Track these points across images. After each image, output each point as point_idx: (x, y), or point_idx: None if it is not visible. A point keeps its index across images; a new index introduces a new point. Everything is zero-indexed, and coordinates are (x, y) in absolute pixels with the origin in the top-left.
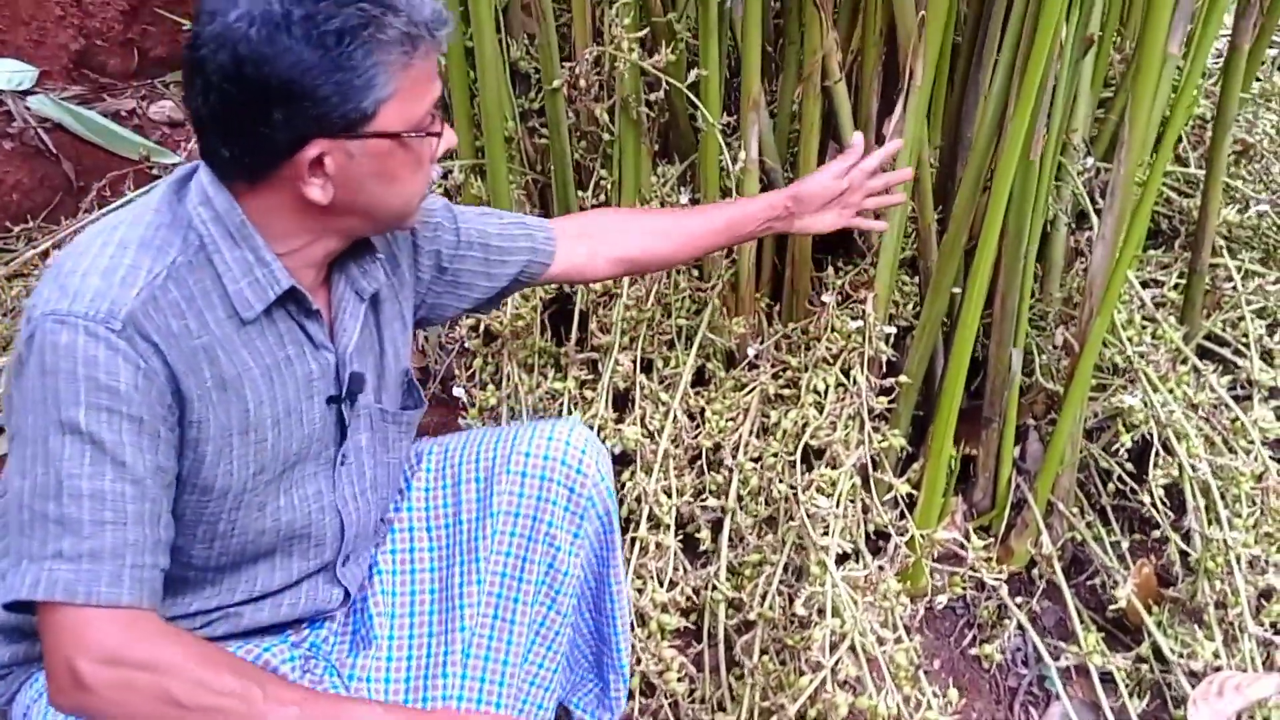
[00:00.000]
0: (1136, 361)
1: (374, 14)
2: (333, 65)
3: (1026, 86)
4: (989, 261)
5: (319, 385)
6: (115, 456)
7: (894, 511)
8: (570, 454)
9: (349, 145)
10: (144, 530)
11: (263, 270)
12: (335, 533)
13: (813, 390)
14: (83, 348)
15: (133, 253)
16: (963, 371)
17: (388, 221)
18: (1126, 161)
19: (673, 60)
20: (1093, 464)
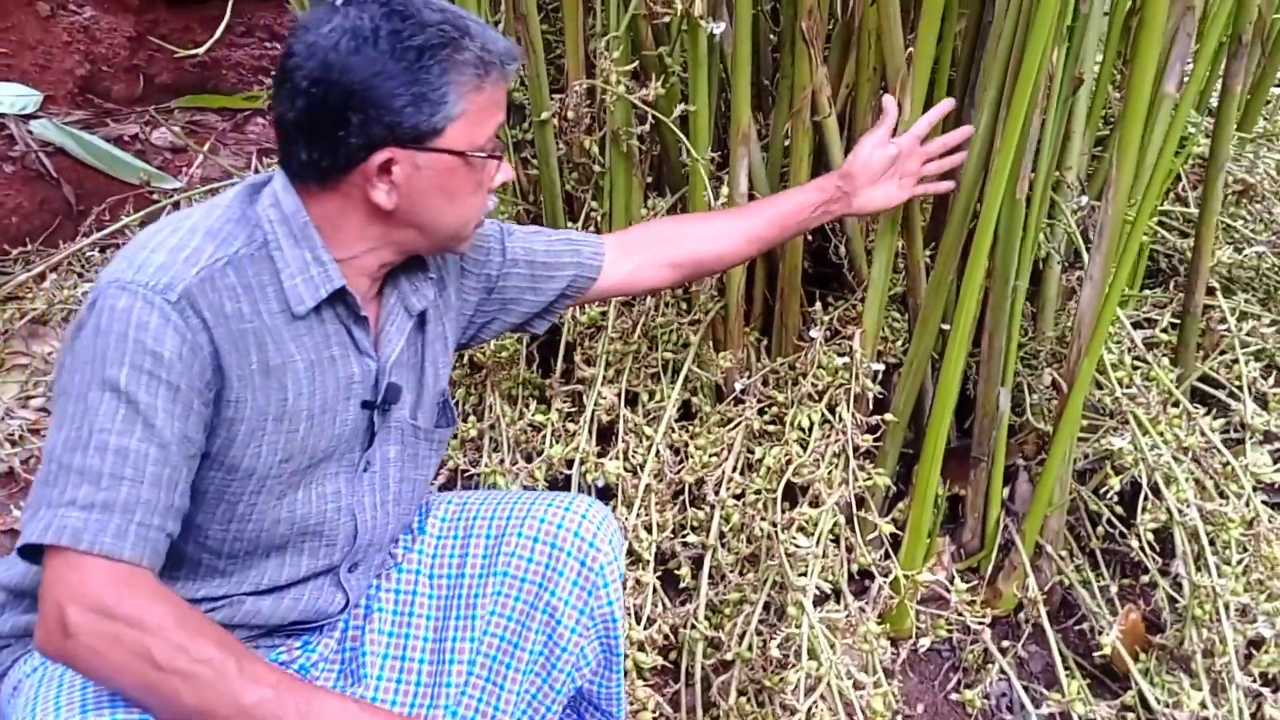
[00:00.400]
0: (1125, 403)
1: (453, 36)
2: (410, 78)
3: (1010, 125)
4: (973, 300)
5: (357, 389)
6: (147, 418)
7: (878, 551)
8: (585, 527)
9: (417, 156)
10: (159, 493)
11: (318, 269)
12: (348, 536)
13: (797, 427)
14: (138, 313)
15: (199, 237)
16: (948, 410)
17: (443, 239)
18: (1115, 201)
19: (663, 94)
20: (1083, 506)
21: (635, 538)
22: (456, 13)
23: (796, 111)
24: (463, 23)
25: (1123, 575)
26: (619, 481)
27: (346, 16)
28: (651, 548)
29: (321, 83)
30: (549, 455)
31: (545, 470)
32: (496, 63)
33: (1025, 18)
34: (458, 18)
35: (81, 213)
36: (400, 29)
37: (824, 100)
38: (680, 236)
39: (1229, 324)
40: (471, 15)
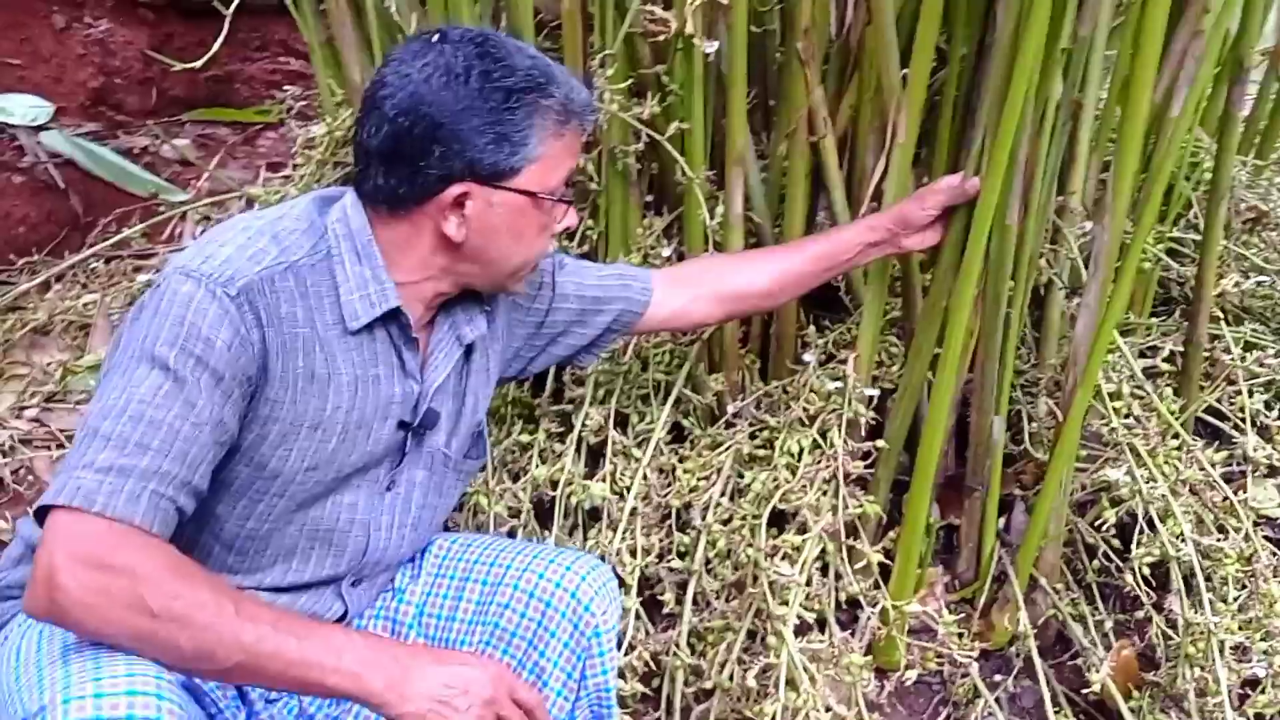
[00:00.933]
0: (1122, 434)
1: (540, 82)
2: (496, 118)
3: (997, 151)
4: (962, 327)
5: (396, 409)
6: (189, 397)
7: (868, 581)
8: (582, 590)
9: (492, 194)
10: (181, 467)
11: (376, 287)
12: (358, 550)
13: (786, 452)
14: (199, 300)
15: (266, 239)
16: (938, 439)
17: (502, 278)
18: (1111, 227)
19: (658, 112)
20: (1080, 538)
21: (620, 562)
22: (546, 61)
23: (792, 132)
24: (550, 71)
25: (1121, 609)
26: (605, 504)
27: (441, 53)
28: (635, 572)
29: (410, 113)
30: (534, 476)
31: (531, 491)
32: (578, 113)
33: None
34: (546, 65)
35: (89, 224)
36: (491, 70)
37: (820, 121)
38: (733, 273)
39: (1233, 354)
40: (555, 65)
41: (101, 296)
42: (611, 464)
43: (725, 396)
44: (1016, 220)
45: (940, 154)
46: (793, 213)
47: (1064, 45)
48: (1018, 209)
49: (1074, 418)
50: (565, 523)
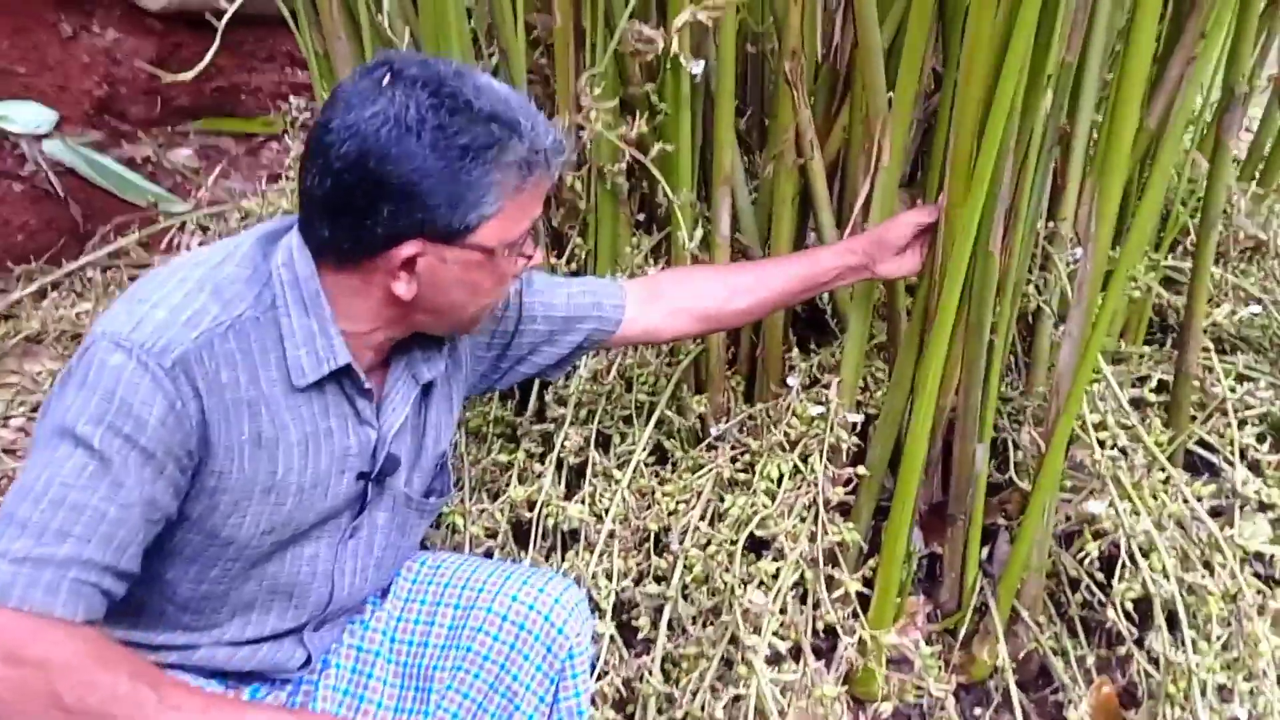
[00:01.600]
0: (1105, 466)
1: (500, 136)
2: (451, 177)
3: (977, 177)
4: (940, 354)
5: (353, 461)
6: (115, 478)
7: (847, 609)
8: (556, 612)
9: (445, 251)
10: (104, 553)
11: (324, 342)
12: (321, 599)
13: (766, 477)
14: (130, 373)
15: (205, 297)
16: (916, 467)
17: (456, 326)
18: (1094, 255)
19: (645, 132)
20: (1064, 571)
21: (594, 585)
22: (509, 105)
23: (778, 153)
24: (513, 117)
25: (1105, 645)
26: (582, 526)
27: (392, 100)
28: (610, 596)
29: (356, 168)
30: (510, 497)
31: (508, 512)
32: (542, 162)
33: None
34: (509, 111)
35: (88, 233)
36: (447, 124)
37: (807, 143)
38: (708, 291)
39: (1221, 386)
40: (522, 103)
41: (96, 306)
42: (591, 485)
43: (709, 419)
44: (998, 246)
45: (934, 177)
46: (779, 235)
47: (1049, 70)
48: (1000, 235)
49: (1056, 447)
50: (544, 544)
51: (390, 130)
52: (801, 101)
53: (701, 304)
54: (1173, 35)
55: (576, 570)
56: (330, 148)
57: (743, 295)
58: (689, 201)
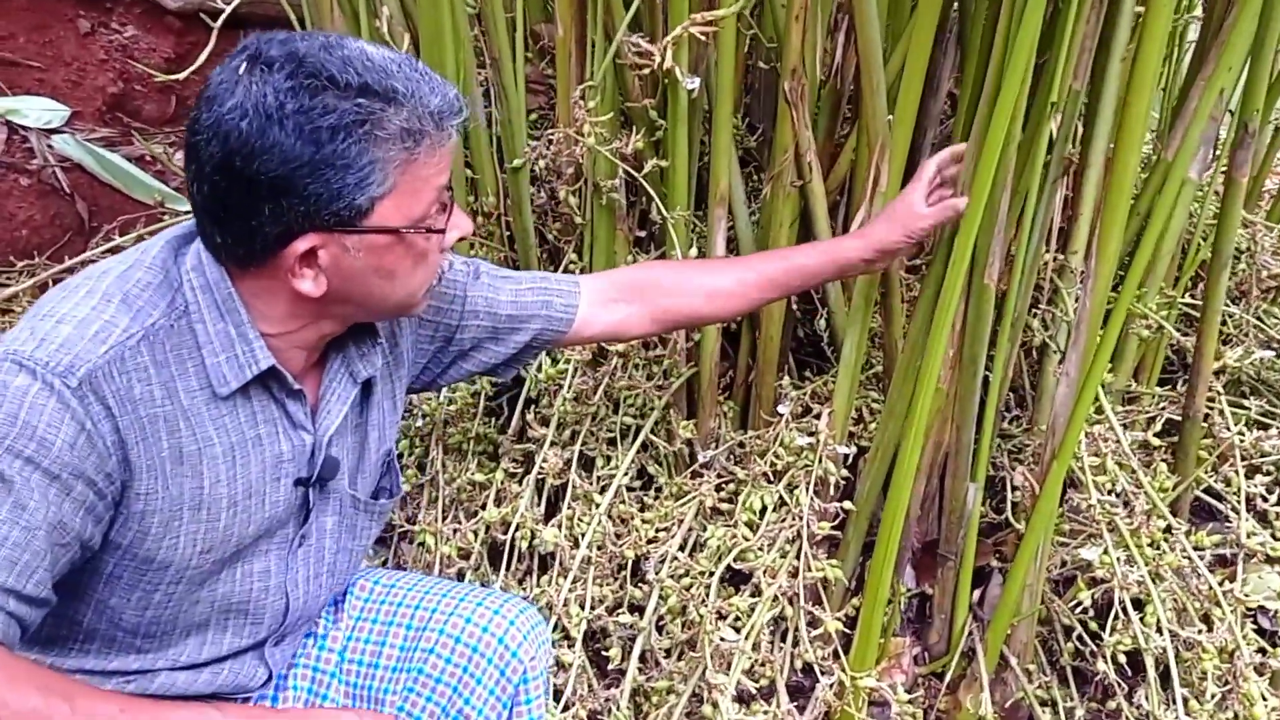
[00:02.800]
0: (1100, 511)
1: (372, 109)
2: (323, 162)
3: (971, 207)
4: (930, 388)
5: (288, 467)
6: (18, 500)
7: (828, 649)
8: (511, 635)
9: (344, 239)
10: (6, 577)
11: (244, 347)
12: (277, 613)
13: (748, 508)
14: (33, 396)
15: (113, 308)
16: (902, 504)
17: (389, 313)
18: (1093, 293)
19: (642, 147)
20: (1057, 618)
21: (565, 613)
22: (381, 73)
23: (776, 174)
24: (387, 85)
25: (1097, 697)
26: (557, 550)
27: (249, 89)
28: (581, 625)
29: (224, 170)
30: (484, 518)
31: (482, 533)
32: (429, 128)
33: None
34: (381, 80)
35: (94, 229)
36: (308, 107)
37: (806, 164)
38: (682, 289)
39: (1230, 432)
40: (403, 67)
41: None
42: (570, 508)
43: (696, 444)
44: (995, 279)
45: None
46: None
47: (1053, 99)
48: (998, 267)
49: (1050, 490)
50: (519, 567)
51: (250, 123)
52: (801, 122)
53: (677, 306)
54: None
55: (548, 596)
56: (199, 149)
57: (721, 299)
58: (682, 219)
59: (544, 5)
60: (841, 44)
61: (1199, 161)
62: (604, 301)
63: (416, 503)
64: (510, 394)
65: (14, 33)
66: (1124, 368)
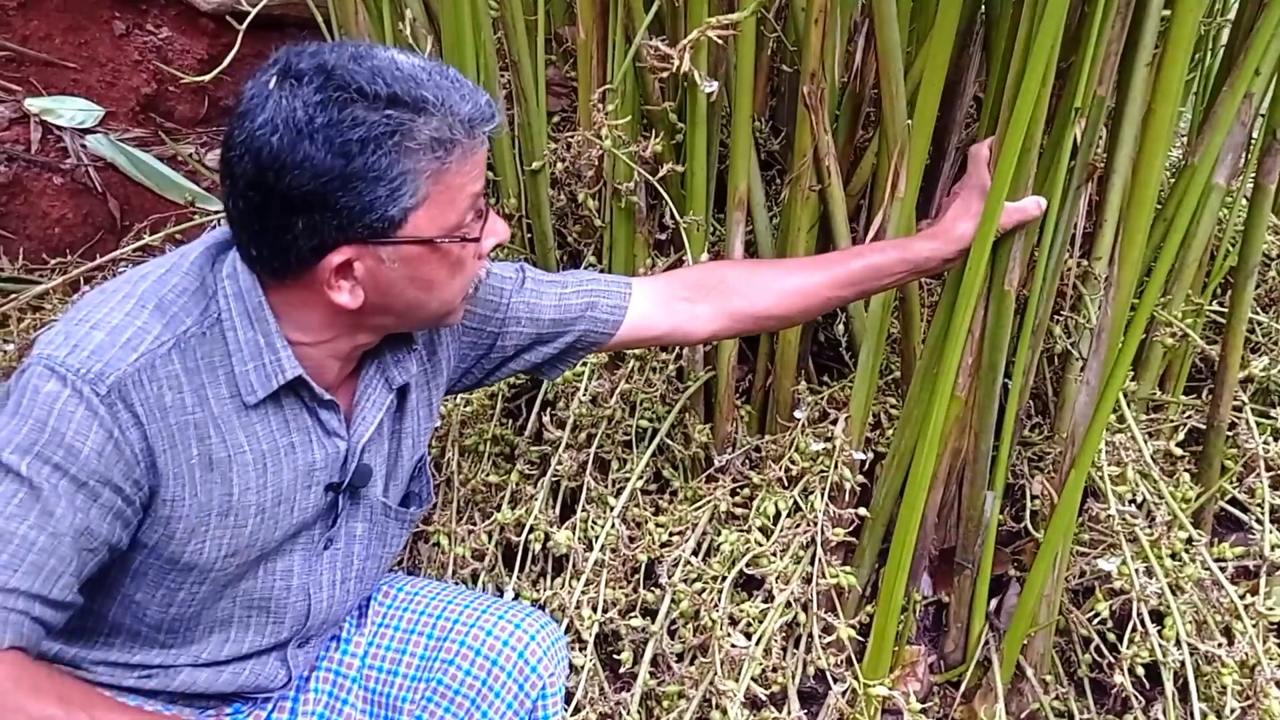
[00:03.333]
0: (1119, 522)
1: (402, 120)
2: (355, 175)
3: (989, 211)
4: (946, 394)
5: (320, 475)
6: (46, 505)
7: (840, 656)
8: (530, 649)
9: (379, 251)
10: (33, 581)
11: (271, 356)
12: (299, 614)
13: (762, 513)
14: (63, 402)
15: (147, 315)
16: (917, 512)
17: (427, 323)
18: (1115, 301)
19: (661, 150)
20: (1075, 628)
21: (577, 615)
22: (410, 82)
23: (795, 178)
24: (417, 95)
25: (1117, 709)
26: (570, 553)
27: (279, 103)
28: (593, 628)
29: (258, 185)
30: (499, 519)
31: (496, 534)
32: (461, 136)
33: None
34: (411, 90)
35: (125, 228)
36: (338, 120)
37: (825, 168)
38: (752, 288)
39: (1255, 442)
40: (433, 75)
41: None
42: (584, 511)
43: (712, 448)
44: (1015, 284)
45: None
46: None
47: (1077, 103)
48: (1017, 272)
49: (1068, 499)
50: (532, 569)
51: (280, 138)
52: (820, 126)
53: (735, 308)
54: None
55: (560, 599)
56: (232, 165)
57: (784, 303)
58: (696, 223)
59: (568, 8)
60: (861, 47)
61: (1227, 167)
62: (668, 301)
63: (432, 503)
64: (528, 396)
65: (50, 33)
66: (1149, 376)
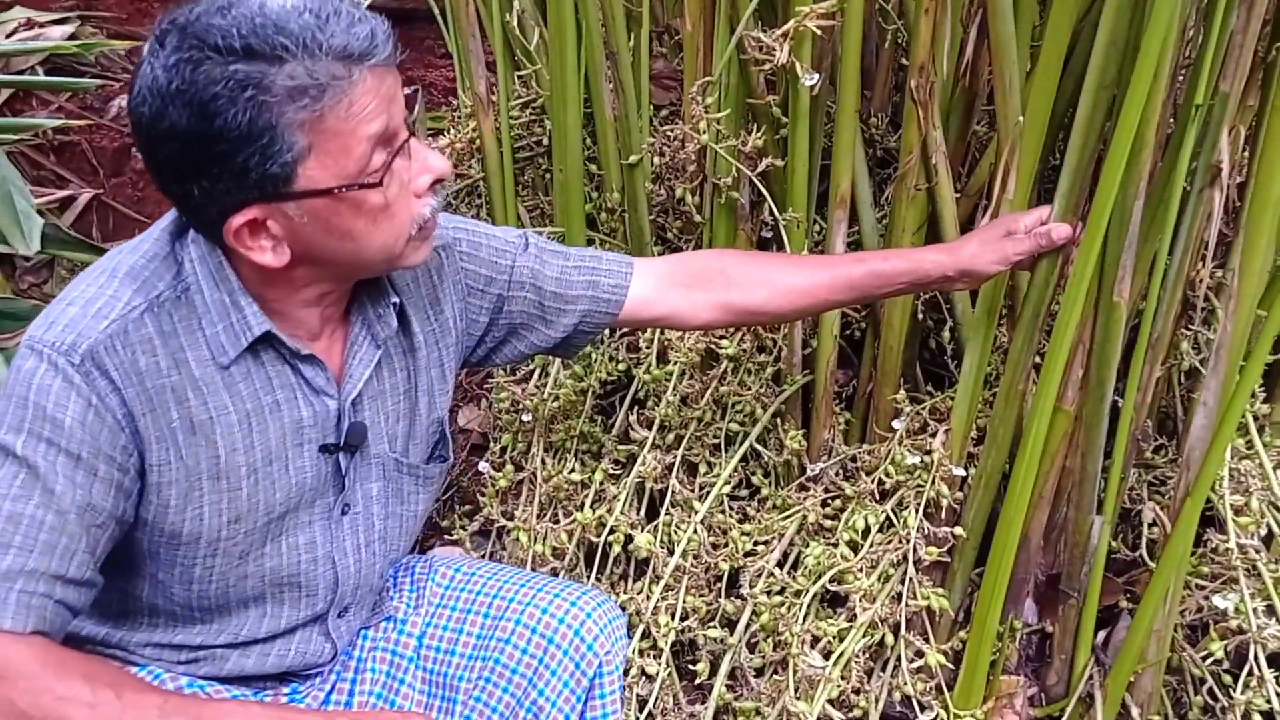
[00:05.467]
0: (1238, 556)
1: (251, 73)
2: (218, 136)
3: (1095, 214)
4: (1047, 411)
5: (310, 433)
6: (46, 483)
7: (930, 682)
8: (587, 627)
9: (284, 207)
10: (49, 561)
11: (237, 315)
12: (329, 584)
13: (850, 527)
14: (40, 376)
15: (118, 283)
16: (1013, 534)
17: (374, 269)
18: (1235, 317)
19: (764, 144)
20: (1188, 667)
21: (654, 621)
22: (270, 29)
23: (900, 176)
24: (274, 40)
25: None
26: (651, 556)
27: (147, 70)
28: (670, 635)
29: (148, 154)
30: (579, 518)
31: (577, 533)
32: (333, 76)
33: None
34: (270, 37)
35: None
36: (191, 80)
37: (933, 165)
38: (749, 280)
39: None
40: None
41: None
42: (668, 514)
43: (804, 455)
44: (1126, 295)
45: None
46: None
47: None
48: (1128, 282)
49: (1183, 528)
50: (613, 571)
51: (149, 107)
52: (929, 121)
53: (733, 300)
54: None
55: (637, 603)
56: (133, 135)
57: (782, 300)
58: (796, 220)
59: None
60: (974, 38)
61: None
62: (667, 285)
63: (516, 495)
64: (621, 394)
65: None
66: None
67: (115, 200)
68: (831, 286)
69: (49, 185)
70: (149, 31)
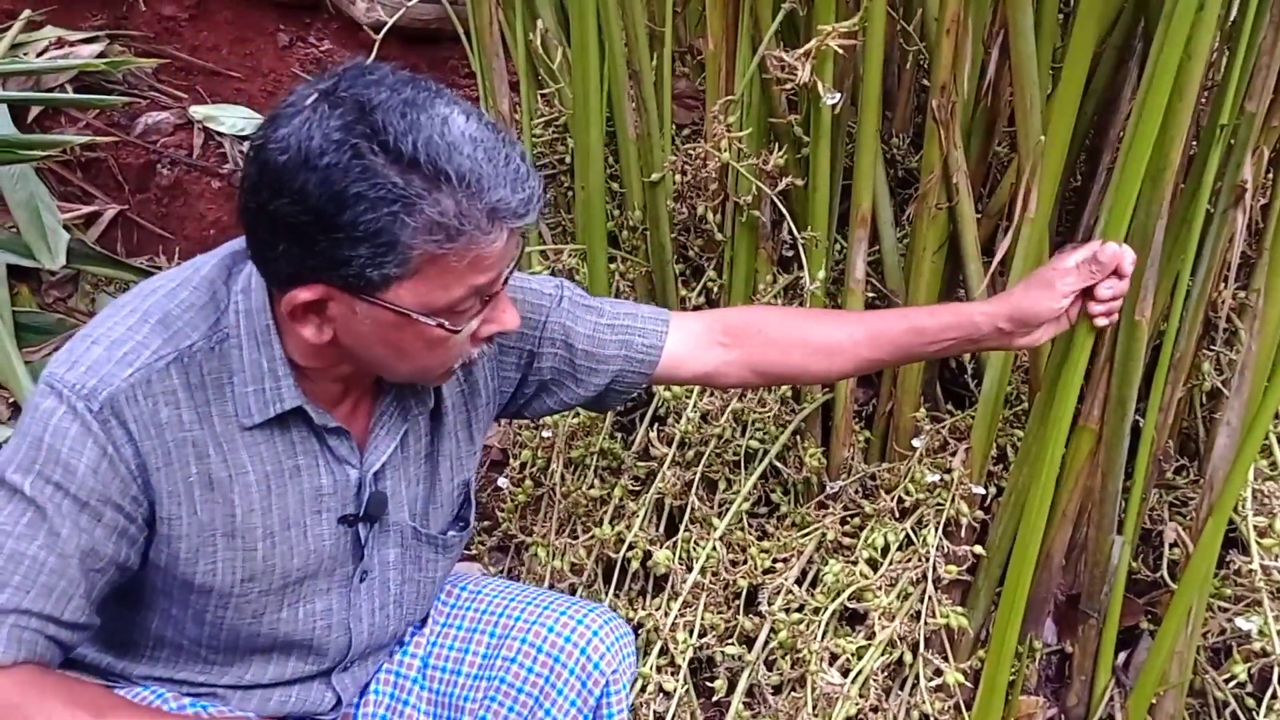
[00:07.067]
0: (1261, 578)
1: (407, 192)
2: (340, 226)
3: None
4: (1063, 428)
5: (329, 501)
6: (53, 526)
7: (947, 701)
8: (594, 646)
9: (354, 302)
10: (45, 603)
11: (271, 383)
12: (340, 647)
13: (870, 545)
14: (58, 419)
15: (148, 329)
16: (1031, 553)
17: (398, 379)
18: (1259, 337)
19: (784, 164)
20: (1210, 690)
21: (672, 638)
22: (447, 152)
23: (922, 195)
24: (442, 168)
25: None
26: (670, 573)
27: (304, 124)
28: (687, 651)
29: (253, 195)
30: (598, 534)
31: (596, 549)
32: (474, 226)
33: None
34: (440, 161)
35: None
36: (347, 165)
37: (954, 185)
38: (787, 339)
39: None
40: (480, 150)
41: None
42: (687, 531)
43: (824, 473)
44: (1148, 314)
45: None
46: (917, 284)
47: (1222, 120)
48: (1150, 301)
49: (1205, 549)
50: (631, 587)
51: (288, 159)
52: (950, 141)
53: (769, 365)
54: None
55: (656, 620)
56: (246, 163)
57: (820, 364)
58: (815, 239)
59: (701, 18)
60: (995, 58)
61: None
62: (705, 343)
63: (535, 510)
64: (641, 411)
65: (218, 44)
66: None
67: (140, 216)
68: (871, 344)
69: (75, 201)
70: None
